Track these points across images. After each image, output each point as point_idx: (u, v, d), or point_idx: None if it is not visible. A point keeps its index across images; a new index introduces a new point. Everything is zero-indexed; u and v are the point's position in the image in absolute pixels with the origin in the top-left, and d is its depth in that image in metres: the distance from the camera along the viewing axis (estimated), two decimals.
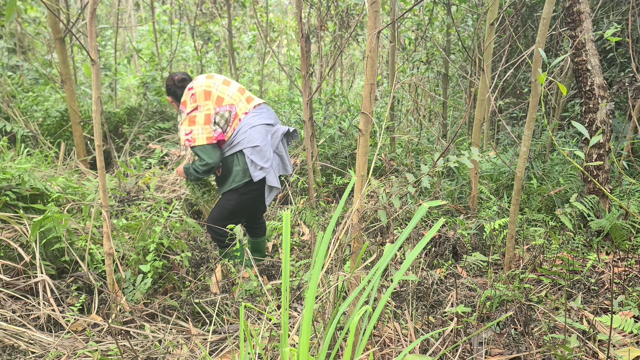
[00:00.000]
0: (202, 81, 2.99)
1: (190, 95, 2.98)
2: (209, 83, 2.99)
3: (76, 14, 6.23)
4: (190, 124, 2.93)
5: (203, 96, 2.95)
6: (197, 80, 3.01)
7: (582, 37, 3.15)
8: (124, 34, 10.68)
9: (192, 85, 3.00)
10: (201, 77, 3.03)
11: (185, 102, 2.99)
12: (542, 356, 1.99)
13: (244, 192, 3.03)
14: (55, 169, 4.47)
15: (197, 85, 2.98)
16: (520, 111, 6.03)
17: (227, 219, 3.05)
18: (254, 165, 2.96)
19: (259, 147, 2.96)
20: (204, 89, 2.96)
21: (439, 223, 1.35)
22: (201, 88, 2.96)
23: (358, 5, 6.26)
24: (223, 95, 2.99)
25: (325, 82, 7.49)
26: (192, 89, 2.99)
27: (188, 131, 2.93)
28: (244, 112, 3.02)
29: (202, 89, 2.96)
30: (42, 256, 2.65)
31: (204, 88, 2.97)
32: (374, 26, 1.62)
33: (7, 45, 7.19)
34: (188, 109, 2.97)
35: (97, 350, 2.00)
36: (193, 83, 3.01)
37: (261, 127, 3.00)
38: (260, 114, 3.05)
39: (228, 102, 2.99)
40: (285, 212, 1.45)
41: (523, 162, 2.57)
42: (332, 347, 1.95)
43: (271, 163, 3.02)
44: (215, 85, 3.00)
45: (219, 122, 2.96)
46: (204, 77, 3.03)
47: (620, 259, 2.92)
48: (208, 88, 2.97)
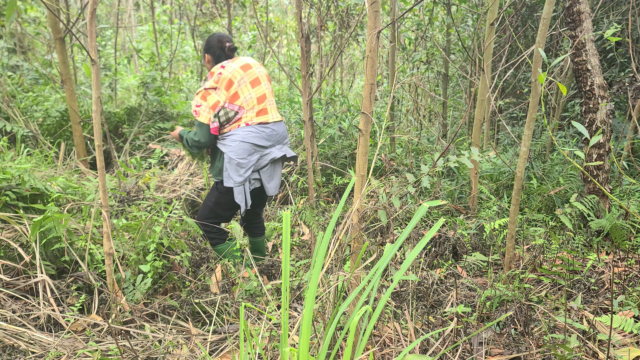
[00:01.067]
0: (234, 69, 2.91)
1: (218, 73, 2.89)
2: (237, 74, 2.91)
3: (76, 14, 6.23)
4: (202, 99, 2.90)
5: (225, 83, 2.88)
6: (233, 63, 2.94)
7: (582, 37, 3.15)
8: (124, 34, 10.68)
9: (226, 66, 2.92)
10: (238, 62, 2.95)
11: (212, 74, 2.92)
12: (542, 356, 1.99)
13: (222, 191, 3.02)
14: (55, 169, 4.47)
15: (228, 70, 2.90)
16: (520, 111, 6.03)
17: (211, 217, 3.06)
18: (227, 173, 2.96)
19: (238, 163, 2.93)
20: (229, 77, 2.89)
21: (439, 223, 1.35)
22: (229, 75, 2.89)
23: (358, 5, 6.26)
24: (240, 95, 2.92)
25: (325, 82, 7.49)
26: (224, 68, 2.91)
27: (198, 104, 2.91)
28: (246, 123, 2.95)
29: (228, 77, 2.88)
30: (42, 256, 2.65)
31: (230, 77, 2.89)
32: (374, 26, 1.62)
33: (7, 45, 7.20)
34: (209, 84, 2.90)
35: (97, 350, 2.00)
36: (227, 63, 2.93)
37: (250, 146, 2.95)
38: (259, 133, 2.97)
39: (240, 103, 2.92)
40: (285, 212, 1.45)
41: (523, 162, 2.57)
42: (332, 347, 1.95)
43: (244, 180, 2.97)
44: (241, 80, 2.92)
45: (220, 117, 2.92)
46: (241, 63, 2.95)
47: (620, 259, 2.92)
48: (233, 79, 2.89)
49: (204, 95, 2.89)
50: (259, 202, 3.25)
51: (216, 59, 3.03)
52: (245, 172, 2.96)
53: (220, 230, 3.12)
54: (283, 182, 4.76)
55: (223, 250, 3.09)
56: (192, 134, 2.98)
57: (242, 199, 2.99)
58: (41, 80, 6.74)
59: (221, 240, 3.12)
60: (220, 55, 3.02)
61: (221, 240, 3.13)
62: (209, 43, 3.04)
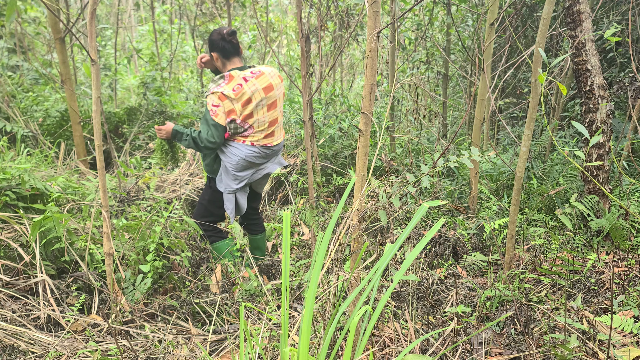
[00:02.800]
0: (256, 89, 2.84)
1: (238, 84, 2.80)
2: (257, 96, 2.85)
3: (76, 14, 6.23)
4: (220, 100, 2.80)
5: (243, 99, 2.81)
6: (256, 80, 2.86)
7: (582, 37, 3.15)
8: (124, 34, 10.68)
9: (249, 80, 2.83)
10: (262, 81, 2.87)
11: (232, 79, 2.82)
12: (542, 356, 1.99)
13: (215, 189, 3.06)
14: (55, 169, 4.47)
15: (249, 87, 2.82)
16: (520, 111, 6.03)
17: (206, 215, 3.11)
18: (221, 178, 3.01)
19: (234, 175, 2.98)
20: (249, 96, 2.82)
21: (439, 223, 1.35)
22: (249, 93, 2.82)
23: (358, 5, 6.26)
24: (255, 115, 2.88)
25: (325, 82, 7.49)
26: (245, 81, 2.82)
27: (216, 104, 2.81)
28: (251, 142, 2.93)
29: (248, 96, 2.81)
30: (42, 256, 2.65)
31: (250, 95, 2.82)
32: (374, 26, 1.62)
33: (7, 45, 7.20)
34: (226, 90, 2.79)
35: (97, 350, 2.00)
36: (251, 79, 2.84)
37: (248, 164, 2.98)
38: (260, 153, 2.99)
39: (252, 123, 2.89)
40: (285, 212, 1.45)
41: (523, 162, 2.57)
42: (332, 347, 1.95)
43: (235, 191, 3.02)
44: (260, 103, 2.87)
45: (230, 130, 2.90)
46: (264, 83, 2.88)
47: (620, 259, 2.92)
48: (253, 99, 2.83)
49: (221, 98, 2.80)
50: (253, 196, 3.27)
51: (223, 53, 2.93)
52: (239, 183, 3.00)
53: (216, 228, 3.13)
54: (283, 182, 4.76)
55: (221, 248, 3.10)
56: (206, 134, 2.85)
57: (231, 207, 3.04)
58: (41, 80, 6.74)
59: (219, 238, 3.13)
60: (225, 46, 2.91)
61: (219, 237, 3.13)
62: (211, 41, 2.96)
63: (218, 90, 2.80)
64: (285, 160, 4.77)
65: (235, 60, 2.95)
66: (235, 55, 2.95)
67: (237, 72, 2.84)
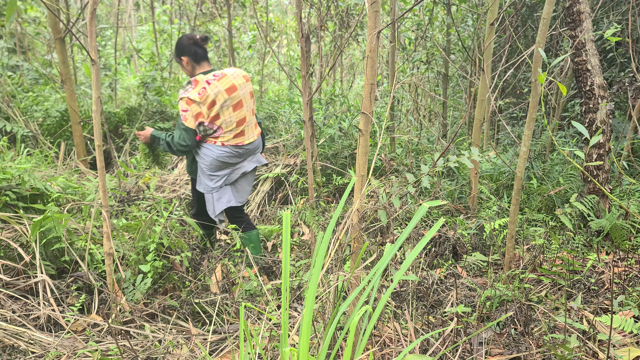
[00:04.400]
0: (219, 91, 2.94)
1: (202, 88, 2.92)
2: (220, 98, 2.94)
3: (76, 14, 6.23)
4: (188, 105, 2.93)
5: (208, 102, 2.92)
6: (218, 82, 2.95)
7: (582, 37, 3.15)
8: (124, 34, 10.68)
9: (211, 83, 2.94)
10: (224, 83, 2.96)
11: (197, 84, 2.94)
12: (542, 356, 1.99)
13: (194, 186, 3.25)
14: (55, 169, 4.47)
15: (212, 89, 2.92)
16: (520, 111, 6.03)
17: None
18: (200, 179, 3.17)
19: (210, 175, 3.13)
20: (213, 98, 2.92)
21: (439, 223, 1.35)
22: (212, 96, 2.92)
23: (358, 5, 6.26)
24: (221, 116, 2.99)
25: (325, 82, 7.49)
26: (208, 84, 2.93)
27: (185, 109, 2.94)
28: (222, 143, 3.05)
29: (212, 97, 2.92)
30: (42, 256, 2.65)
31: (213, 97, 2.92)
32: (374, 26, 1.62)
33: (7, 45, 7.19)
34: (192, 95, 2.91)
35: (97, 350, 2.00)
36: (213, 81, 2.94)
37: (221, 164, 3.10)
38: (232, 152, 3.10)
39: (219, 124, 3.00)
40: (285, 212, 1.45)
41: (523, 162, 2.57)
42: (332, 347, 1.95)
43: (213, 190, 3.15)
44: (224, 104, 2.97)
45: (200, 131, 3.02)
46: (226, 84, 2.97)
47: (620, 259, 2.92)
48: (216, 101, 2.93)
49: (189, 102, 2.93)
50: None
51: (194, 57, 3.03)
52: (216, 182, 3.14)
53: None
54: (283, 182, 4.76)
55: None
56: (178, 138, 2.99)
57: (212, 208, 3.18)
58: (41, 80, 6.74)
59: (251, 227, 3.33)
60: (196, 51, 3.02)
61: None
62: (180, 46, 3.04)
63: (185, 96, 2.93)
64: (286, 160, 4.78)
65: (204, 65, 3.07)
66: (204, 60, 3.08)
67: (202, 77, 2.97)
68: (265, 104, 6.29)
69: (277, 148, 5.16)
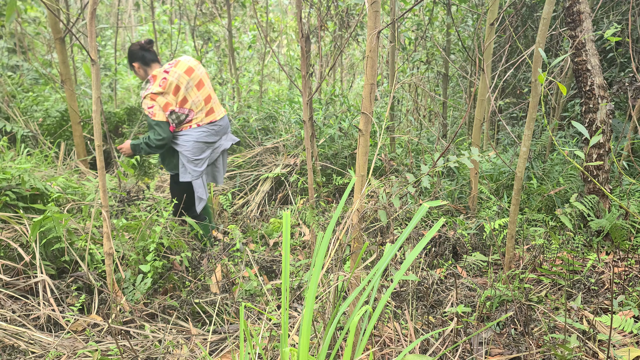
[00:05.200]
0: (179, 74, 3.12)
1: (162, 78, 3.09)
2: (183, 81, 3.12)
3: (76, 14, 6.23)
4: (152, 100, 3.10)
5: (172, 88, 3.10)
6: (175, 68, 3.12)
7: (582, 37, 3.15)
8: (124, 34, 10.68)
9: (169, 70, 3.11)
10: (181, 67, 3.14)
11: (156, 78, 3.10)
12: (542, 356, 1.99)
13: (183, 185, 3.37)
14: (55, 169, 4.47)
15: (172, 75, 3.10)
16: (520, 111, 6.03)
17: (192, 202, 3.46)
18: (185, 168, 3.27)
19: (195, 160, 3.26)
20: (176, 83, 3.10)
21: (439, 223, 1.35)
22: (175, 81, 3.10)
23: (358, 5, 6.26)
24: (189, 98, 3.16)
25: (325, 82, 7.49)
26: (167, 73, 3.10)
27: (150, 105, 3.10)
28: (197, 124, 3.23)
29: (175, 83, 3.10)
30: (42, 256, 2.65)
31: (176, 82, 3.10)
32: (374, 26, 1.62)
33: (7, 45, 7.19)
34: (154, 89, 3.08)
35: (97, 350, 2.00)
36: (171, 68, 3.12)
37: (204, 144, 3.27)
38: (210, 131, 3.28)
39: (189, 107, 3.18)
40: (285, 212, 1.45)
41: (523, 162, 2.57)
42: (332, 347, 1.95)
43: (201, 174, 3.31)
44: (188, 85, 3.15)
45: (173, 121, 3.17)
46: (184, 67, 3.14)
47: (620, 259, 2.92)
48: (180, 85, 3.11)
49: (153, 98, 3.09)
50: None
51: (143, 61, 3.23)
52: (202, 165, 3.29)
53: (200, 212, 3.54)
54: (283, 182, 4.76)
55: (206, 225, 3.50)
56: (153, 136, 3.14)
57: (203, 191, 3.35)
58: (41, 80, 6.74)
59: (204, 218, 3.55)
60: (144, 55, 3.22)
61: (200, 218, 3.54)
62: (131, 53, 3.25)
63: (147, 93, 3.10)
64: (286, 160, 4.81)
65: (154, 66, 3.26)
66: (154, 62, 3.26)
67: (158, 70, 3.14)
68: (265, 104, 6.29)
69: (277, 148, 5.16)
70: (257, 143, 5.37)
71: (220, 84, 8.01)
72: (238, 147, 5.53)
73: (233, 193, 4.87)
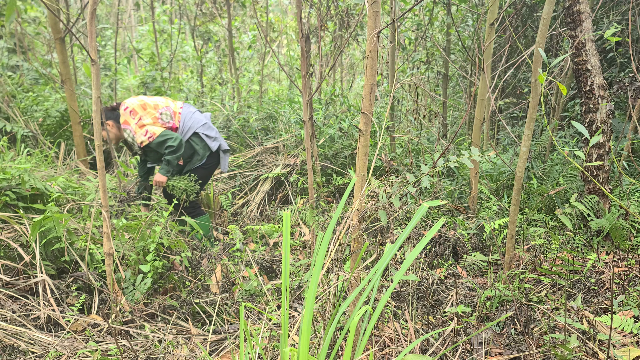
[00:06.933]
0: (133, 100, 3.54)
1: (129, 112, 3.50)
2: (140, 98, 3.56)
3: (76, 14, 6.23)
4: (142, 127, 3.48)
5: (141, 108, 3.51)
6: (127, 102, 3.55)
7: (582, 37, 3.15)
8: (124, 34, 10.68)
9: (127, 106, 3.52)
10: (129, 99, 3.58)
11: (127, 120, 3.52)
12: (542, 356, 1.99)
13: (207, 166, 3.71)
14: (55, 169, 4.47)
15: (131, 104, 3.52)
16: (520, 111, 6.03)
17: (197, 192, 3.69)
18: (209, 138, 3.67)
19: (206, 124, 3.69)
20: (138, 104, 3.52)
21: (439, 223, 1.35)
22: (137, 103, 3.52)
23: (358, 5, 6.26)
24: (156, 102, 3.58)
25: (325, 82, 7.49)
26: (127, 108, 3.51)
27: (144, 132, 3.47)
28: (180, 107, 3.67)
29: (137, 104, 3.51)
30: (42, 256, 2.65)
31: (138, 103, 3.52)
32: (374, 26, 1.62)
33: (7, 45, 7.19)
34: (134, 121, 3.50)
35: (97, 350, 2.00)
36: (126, 104, 3.53)
37: (197, 112, 3.73)
38: (189, 106, 3.74)
39: (163, 104, 3.59)
40: (285, 212, 1.45)
41: (523, 162, 2.57)
42: (332, 347, 1.95)
43: (218, 133, 3.77)
44: (146, 99, 3.57)
45: (165, 120, 3.55)
46: (131, 98, 3.59)
47: (620, 259, 2.92)
48: (141, 102, 3.53)
49: (141, 126, 3.48)
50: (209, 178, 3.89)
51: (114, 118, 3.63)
52: (213, 127, 3.74)
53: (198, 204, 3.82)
54: (283, 182, 4.76)
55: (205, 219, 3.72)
56: (166, 150, 3.46)
57: (226, 145, 3.82)
58: (41, 80, 6.74)
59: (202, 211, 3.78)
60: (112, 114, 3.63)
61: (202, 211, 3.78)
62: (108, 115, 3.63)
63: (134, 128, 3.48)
64: (286, 160, 4.83)
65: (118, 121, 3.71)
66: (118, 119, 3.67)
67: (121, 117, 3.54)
68: (265, 104, 6.29)
69: (277, 148, 5.16)
70: (257, 143, 5.37)
71: (220, 84, 8.01)
72: (238, 146, 5.56)
73: (233, 193, 4.87)
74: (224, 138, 5.62)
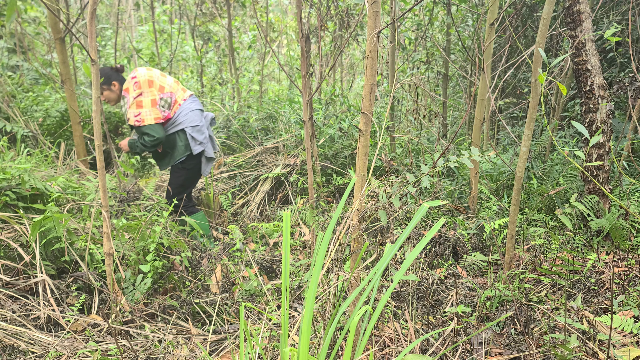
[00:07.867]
0: (144, 72, 3.49)
1: (134, 82, 3.44)
2: (150, 74, 3.49)
3: (76, 14, 6.23)
4: (138, 107, 3.44)
5: (147, 84, 3.45)
6: (138, 71, 3.49)
7: (582, 37, 3.15)
8: (124, 34, 10.68)
9: (135, 75, 3.46)
10: (142, 69, 3.53)
11: (129, 89, 3.45)
12: (542, 356, 1.99)
13: (189, 167, 3.66)
14: (55, 169, 4.47)
15: (140, 75, 3.46)
16: (520, 111, 6.03)
17: (181, 192, 3.71)
18: (194, 141, 3.60)
19: (198, 127, 3.62)
20: (147, 78, 3.45)
21: (439, 223, 1.35)
22: (144, 77, 3.45)
23: (358, 5, 6.26)
24: (164, 84, 3.53)
25: (325, 82, 7.49)
26: (135, 77, 3.45)
27: (136, 113, 3.44)
28: (183, 99, 3.62)
29: (145, 79, 3.45)
30: (42, 256, 2.65)
31: (147, 78, 3.45)
32: (374, 26, 1.62)
33: (7, 45, 7.19)
34: (133, 95, 3.43)
35: (97, 350, 2.00)
36: (136, 73, 3.48)
37: (198, 111, 3.66)
38: (194, 101, 3.67)
39: (168, 90, 3.54)
40: (285, 212, 1.45)
41: (523, 162, 2.57)
42: (332, 347, 1.95)
43: (207, 139, 3.68)
44: (156, 76, 3.51)
45: (163, 106, 3.51)
46: (144, 69, 3.53)
47: (620, 259, 2.92)
48: (150, 78, 3.47)
49: (138, 104, 3.44)
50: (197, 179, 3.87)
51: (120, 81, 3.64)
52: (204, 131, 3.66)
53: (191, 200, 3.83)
54: (283, 182, 4.76)
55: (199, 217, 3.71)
56: (147, 138, 3.47)
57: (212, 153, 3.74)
58: (41, 80, 6.74)
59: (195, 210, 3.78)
60: (118, 76, 3.64)
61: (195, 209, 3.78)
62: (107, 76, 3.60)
63: (131, 102, 3.44)
64: (286, 160, 4.82)
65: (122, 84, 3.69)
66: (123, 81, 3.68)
67: (126, 83, 3.49)
68: (265, 104, 6.29)
69: (277, 148, 5.16)
70: (257, 143, 5.36)
71: (220, 84, 8.01)
72: (238, 146, 5.56)
73: (233, 193, 4.87)
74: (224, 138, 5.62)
